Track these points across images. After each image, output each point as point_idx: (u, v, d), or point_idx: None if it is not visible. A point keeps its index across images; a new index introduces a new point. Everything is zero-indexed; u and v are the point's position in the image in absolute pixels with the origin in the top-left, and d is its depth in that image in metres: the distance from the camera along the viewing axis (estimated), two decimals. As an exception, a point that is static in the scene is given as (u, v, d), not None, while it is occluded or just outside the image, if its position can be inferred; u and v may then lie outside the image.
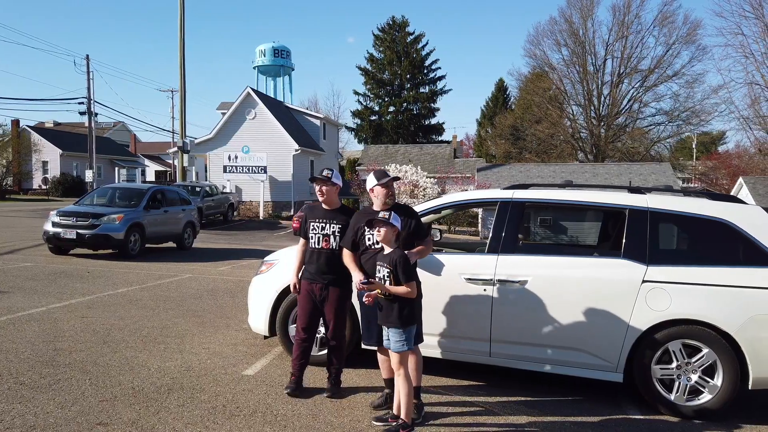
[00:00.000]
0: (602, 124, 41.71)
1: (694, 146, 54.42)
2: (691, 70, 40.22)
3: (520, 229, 5.62)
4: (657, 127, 42.48)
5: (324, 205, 4.69)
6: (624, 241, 4.79)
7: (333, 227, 4.54)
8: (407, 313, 3.90)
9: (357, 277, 4.12)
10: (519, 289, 4.78)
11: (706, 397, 4.51)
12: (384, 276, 3.88)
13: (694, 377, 4.53)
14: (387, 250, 3.94)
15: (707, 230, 4.74)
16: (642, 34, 40.32)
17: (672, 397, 4.57)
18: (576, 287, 4.71)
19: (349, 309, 4.72)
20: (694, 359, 4.52)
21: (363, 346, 5.21)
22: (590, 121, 42.29)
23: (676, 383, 4.57)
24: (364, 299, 3.90)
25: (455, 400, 4.67)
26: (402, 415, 3.84)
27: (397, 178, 4.53)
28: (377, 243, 4.15)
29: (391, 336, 3.91)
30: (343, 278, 4.49)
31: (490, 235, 5.10)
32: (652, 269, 4.62)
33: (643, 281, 4.59)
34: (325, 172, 4.63)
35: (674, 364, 4.56)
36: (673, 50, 39.87)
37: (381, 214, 3.99)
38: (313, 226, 4.63)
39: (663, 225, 4.87)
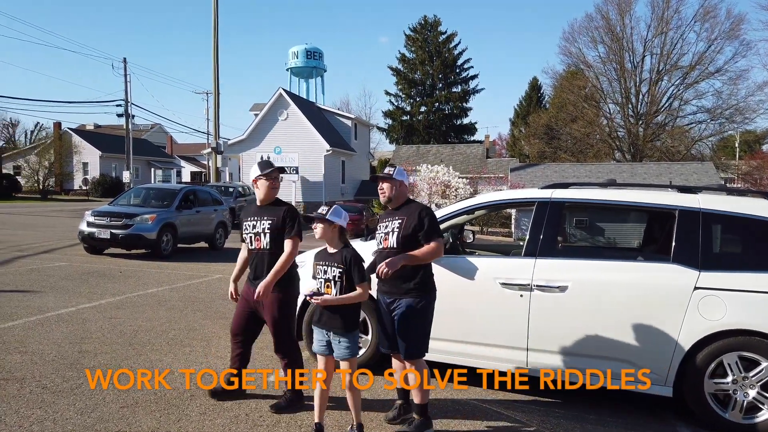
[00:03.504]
0: (640, 122, 40.54)
1: (737, 145, 52.45)
2: (735, 66, 38.79)
3: (560, 231, 5.32)
4: (698, 125, 41.11)
5: (257, 202, 4.26)
6: (674, 244, 4.44)
7: (263, 224, 4.10)
8: (353, 318, 3.59)
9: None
10: (558, 295, 4.49)
11: (765, 415, 4.13)
12: (334, 277, 3.53)
13: (753, 393, 4.15)
14: (332, 249, 3.60)
15: (767, 233, 4.35)
16: (682, 30, 39.09)
17: (727, 414, 4.20)
18: (621, 294, 4.38)
19: (295, 315, 4.33)
20: (752, 373, 4.14)
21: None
22: (628, 119, 41.16)
23: (732, 399, 4.19)
24: (312, 301, 3.56)
25: (486, 410, 4.41)
26: (356, 420, 3.65)
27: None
28: (382, 241, 3.90)
29: (332, 341, 3.57)
30: (282, 281, 4.05)
31: (527, 237, 4.82)
32: (705, 275, 4.26)
33: (696, 288, 4.24)
34: (321, 209, 4.24)
35: (729, 378, 4.19)
36: (715, 46, 38.53)
37: (320, 209, 3.60)
38: (245, 225, 4.21)
39: (717, 227, 4.50)
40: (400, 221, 3.88)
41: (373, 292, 4.08)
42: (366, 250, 5.16)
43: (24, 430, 3.55)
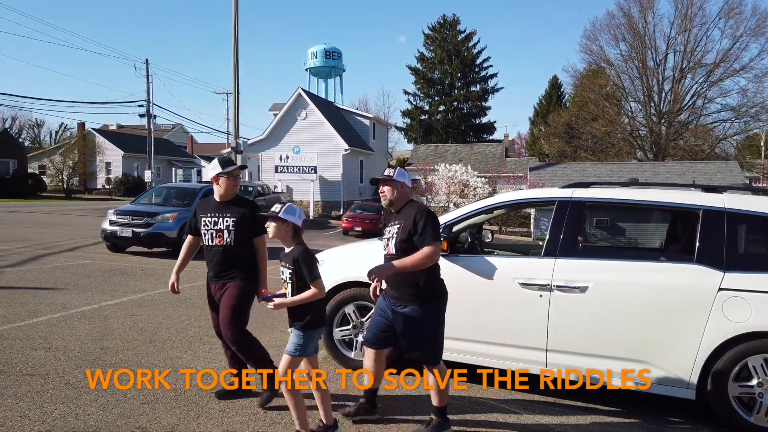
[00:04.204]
0: (663, 121, 39.93)
1: (762, 144, 51.40)
2: (761, 63, 38.17)
3: (580, 230, 5.26)
4: (722, 123, 40.37)
5: (216, 198, 4.19)
6: (697, 244, 4.35)
7: (227, 221, 4.06)
8: (313, 316, 3.47)
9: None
10: (579, 295, 4.43)
11: (792, 419, 4.04)
12: (288, 278, 3.47)
13: (779, 397, 4.06)
14: (287, 249, 3.51)
15: (794, 233, 4.25)
16: (706, 27, 38.43)
17: (752, 417, 4.11)
18: (642, 295, 4.31)
19: (249, 309, 4.13)
20: (778, 377, 4.06)
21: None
22: (650, 118, 40.57)
23: (757, 402, 4.11)
24: (268, 305, 3.48)
25: (504, 413, 4.37)
26: (297, 426, 3.51)
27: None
28: (385, 247, 3.84)
29: (291, 336, 3.49)
30: (242, 275, 4.06)
31: (547, 237, 4.77)
32: (729, 276, 4.18)
33: (720, 289, 4.16)
34: (275, 207, 4.13)
35: (755, 381, 4.10)
36: (740, 43, 37.82)
37: (274, 207, 3.51)
38: (204, 221, 4.15)
39: (742, 227, 4.40)
40: (398, 225, 3.79)
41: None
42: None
43: (47, 425, 3.61)
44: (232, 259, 4.07)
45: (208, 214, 4.14)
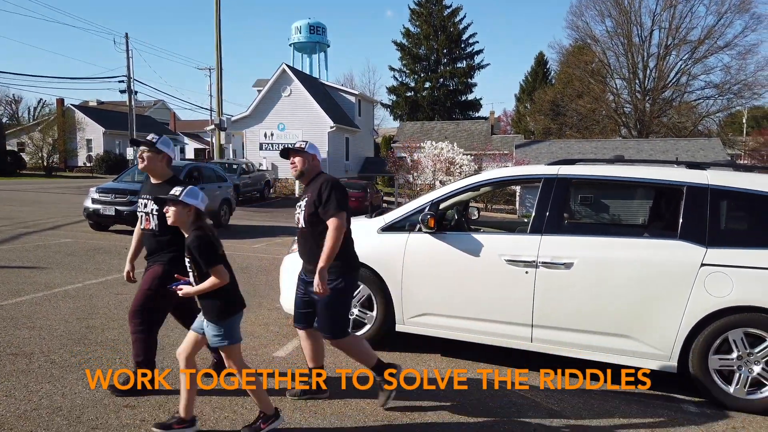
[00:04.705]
0: (647, 98, 40.09)
1: (744, 121, 51.97)
2: (744, 40, 38.38)
3: (566, 207, 5.29)
4: (706, 101, 40.63)
5: (152, 179, 3.96)
6: (681, 221, 4.41)
7: (152, 205, 3.82)
8: (223, 305, 3.23)
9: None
10: (564, 271, 4.48)
11: (769, 391, 4.15)
12: (188, 266, 3.26)
13: (757, 369, 4.16)
14: (187, 236, 3.26)
15: (775, 209, 4.31)
16: (692, 3, 38.37)
17: (731, 389, 4.22)
18: (627, 270, 4.37)
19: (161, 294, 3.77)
20: (757, 349, 4.15)
21: (397, 329, 5.04)
22: (635, 95, 40.71)
23: (736, 375, 4.21)
24: (178, 292, 3.30)
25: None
26: (261, 408, 3.37)
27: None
28: (298, 217, 3.77)
29: (207, 329, 3.28)
30: (164, 258, 3.83)
31: (533, 214, 4.79)
32: (712, 252, 4.24)
33: (702, 264, 4.22)
34: (150, 136, 3.90)
35: (734, 355, 4.20)
36: (725, 20, 37.88)
37: (174, 189, 3.28)
38: (139, 202, 3.94)
39: (724, 203, 4.46)
40: (307, 198, 3.74)
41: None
42: (372, 227, 5.16)
43: (33, 404, 3.59)
44: (157, 244, 3.87)
45: (143, 196, 3.95)
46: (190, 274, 3.26)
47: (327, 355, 4.91)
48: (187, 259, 3.24)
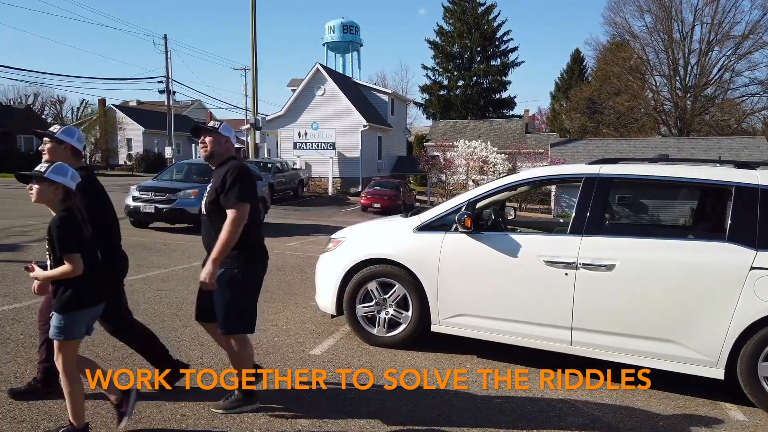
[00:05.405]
0: (688, 95, 38.99)
1: (792, 119, 49.97)
2: (792, 35, 36.71)
3: (607, 207, 5.16)
4: (750, 98, 39.33)
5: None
6: (729, 222, 4.25)
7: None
8: (68, 296, 2.97)
9: None
10: (605, 273, 4.37)
11: (825, 400, 3.98)
12: (46, 249, 3.03)
13: (811, 378, 3.99)
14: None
15: (831, 211, 4.12)
16: (736, -3, 37.13)
17: (782, 398, 4.06)
18: (671, 273, 4.24)
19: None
20: (810, 357, 3.98)
21: (432, 330, 5.01)
22: (675, 92, 39.63)
23: (788, 383, 4.05)
24: (29, 274, 3.11)
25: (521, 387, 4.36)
26: (70, 418, 3.09)
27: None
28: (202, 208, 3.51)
29: (52, 320, 3.05)
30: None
31: (573, 214, 4.69)
32: (762, 255, 4.08)
33: (752, 268, 4.06)
34: (52, 128, 3.65)
35: (786, 362, 4.04)
36: (771, 13, 36.48)
37: (39, 166, 3.00)
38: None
39: (777, 205, 4.28)
40: (211, 183, 3.52)
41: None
42: (407, 226, 5.14)
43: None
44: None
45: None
46: (48, 256, 3.05)
47: (359, 354, 4.92)
48: (47, 242, 3.01)
